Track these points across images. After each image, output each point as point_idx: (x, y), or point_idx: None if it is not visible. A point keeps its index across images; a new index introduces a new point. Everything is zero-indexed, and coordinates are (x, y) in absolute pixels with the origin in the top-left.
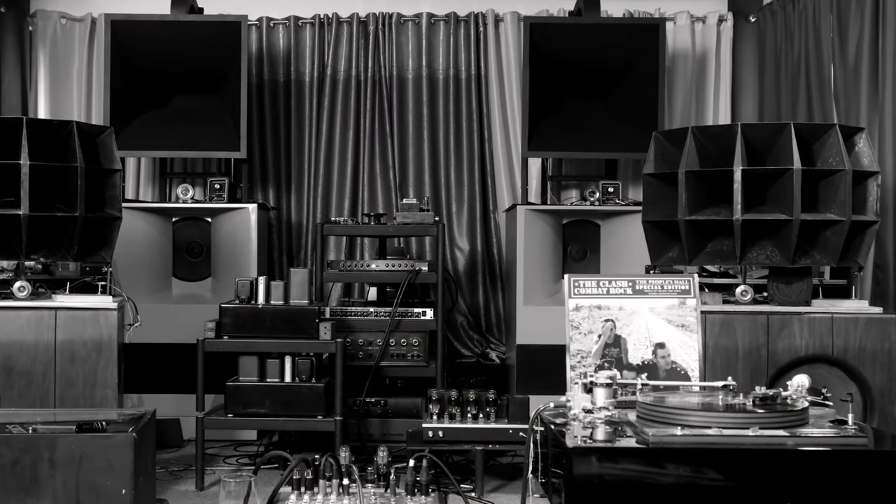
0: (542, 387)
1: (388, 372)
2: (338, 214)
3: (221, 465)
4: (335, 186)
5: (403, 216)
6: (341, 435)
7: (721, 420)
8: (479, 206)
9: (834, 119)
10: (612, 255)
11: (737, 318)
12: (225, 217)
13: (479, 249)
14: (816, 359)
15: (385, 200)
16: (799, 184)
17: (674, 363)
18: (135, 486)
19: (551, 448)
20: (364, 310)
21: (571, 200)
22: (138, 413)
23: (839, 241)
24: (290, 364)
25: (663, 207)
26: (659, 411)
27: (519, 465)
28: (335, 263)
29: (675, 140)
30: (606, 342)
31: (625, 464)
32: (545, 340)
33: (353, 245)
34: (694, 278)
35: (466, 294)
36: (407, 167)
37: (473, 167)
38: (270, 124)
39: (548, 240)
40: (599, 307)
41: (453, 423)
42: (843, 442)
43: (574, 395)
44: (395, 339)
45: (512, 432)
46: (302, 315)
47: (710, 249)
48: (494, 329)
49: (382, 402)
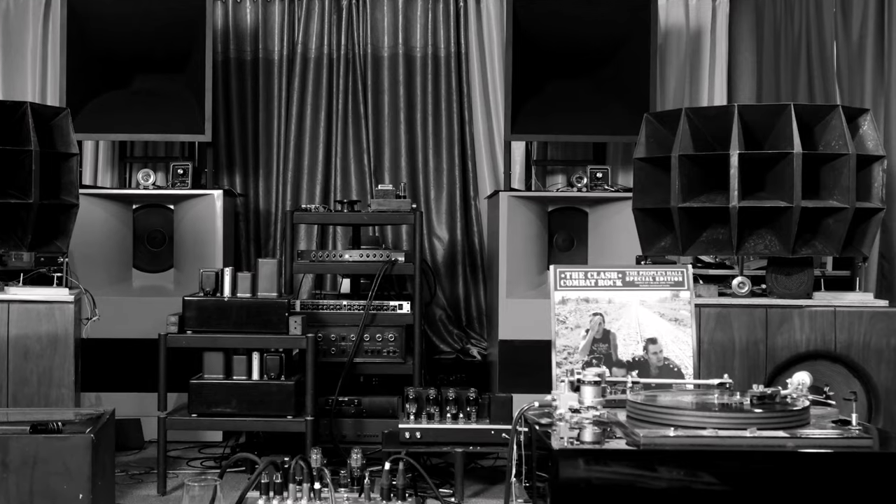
0: (526, 385)
1: (363, 369)
2: (309, 201)
3: (185, 468)
4: (306, 172)
5: (378, 203)
6: (312, 436)
7: (717, 420)
8: (459, 193)
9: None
10: (600, 244)
11: (733, 312)
12: (188, 204)
13: (459, 239)
14: (818, 355)
15: (359, 186)
16: (799, 169)
17: (666, 360)
18: (92, 490)
19: (536, 450)
20: (337, 303)
21: (557, 187)
22: (96, 413)
23: (842, 230)
24: (257, 360)
25: (655, 194)
26: (650, 411)
27: (501, 468)
28: (306, 253)
29: (667, 122)
30: (594, 337)
31: (614, 467)
32: (529, 335)
33: (325, 234)
34: (688, 269)
35: (446, 286)
36: (382, 151)
37: (453, 151)
38: (237, 106)
39: (532, 228)
40: (587, 300)
41: (432, 423)
42: (847, 444)
43: (560, 393)
44: (369, 334)
45: (494, 433)
46: (270, 308)
47: (705, 239)
48: (475, 323)
49: (356, 401)
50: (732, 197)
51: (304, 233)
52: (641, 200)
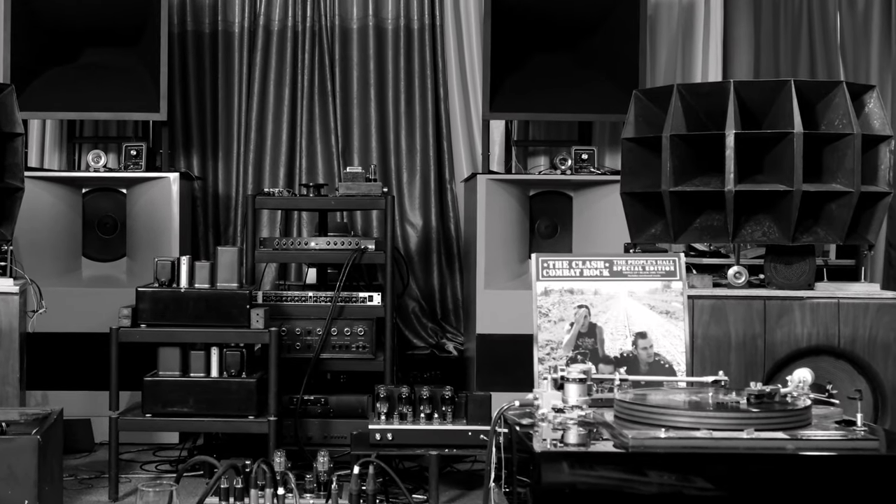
0: (506, 382)
1: (330, 365)
2: (272, 185)
3: (138, 472)
4: (269, 153)
5: (347, 187)
6: (276, 437)
7: (711, 421)
8: (433, 176)
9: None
10: (585, 231)
11: (729, 304)
12: (142, 188)
13: (433, 225)
14: (820, 350)
15: (326, 169)
16: (800, 150)
17: (657, 355)
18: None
19: (516, 453)
20: (302, 294)
21: (539, 169)
22: (43, 413)
23: (846, 216)
24: (216, 356)
25: (645, 177)
26: (640, 411)
27: (479, 472)
28: (269, 241)
29: (658, 100)
30: (579, 331)
31: (601, 471)
32: (509, 329)
33: (290, 220)
34: (680, 258)
35: (419, 276)
36: (351, 131)
37: (427, 131)
38: (195, 82)
39: (512, 214)
40: (572, 291)
41: (404, 424)
42: (852, 446)
43: (542, 392)
44: (337, 327)
45: (471, 434)
46: (231, 300)
47: (699, 225)
48: (451, 316)
49: (323, 400)
50: (728, 180)
51: (267, 219)
52: (630, 184)
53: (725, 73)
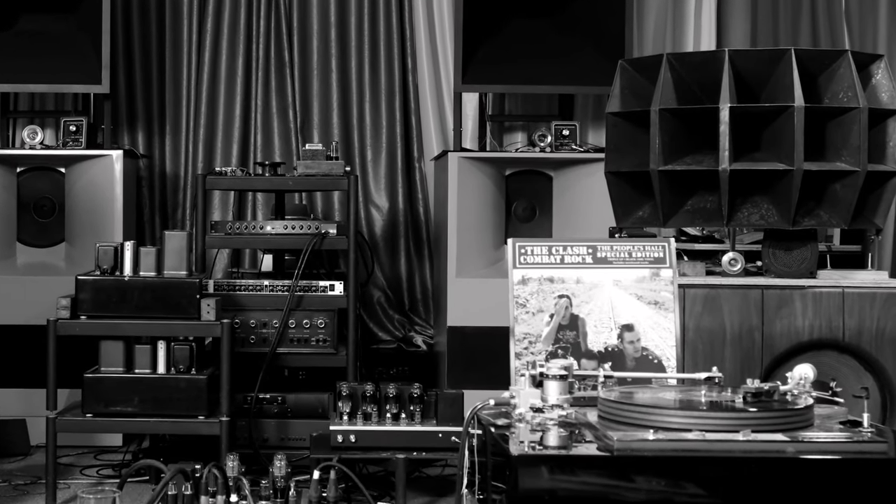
0: (480, 379)
1: (288, 361)
2: (224, 164)
3: (78, 477)
4: (221, 128)
5: (306, 166)
6: (228, 439)
7: (704, 421)
8: (400, 154)
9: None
10: (567, 214)
11: (723, 294)
12: (83, 167)
13: (400, 207)
14: (823, 344)
15: (283, 146)
16: (801, 125)
17: (645, 349)
18: None
19: (491, 456)
20: (257, 283)
21: (516, 146)
22: None
23: (852, 197)
24: (164, 351)
25: (632, 155)
26: (626, 410)
27: (451, 477)
28: (221, 225)
29: (646, 70)
30: (560, 323)
31: (583, 476)
32: (483, 321)
33: (244, 202)
34: (670, 244)
35: (385, 263)
36: (310, 104)
37: (394, 105)
38: (140, 51)
39: (487, 195)
40: (551, 280)
41: (368, 424)
42: (858, 449)
43: (520, 389)
44: (295, 319)
45: (442, 436)
46: (179, 290)
47: (691, 207)
48: (420, 307)
49: (280, 398)
50: (722, 158)
51: (219, 200)
52: (615, 162)
53: (720, 42)
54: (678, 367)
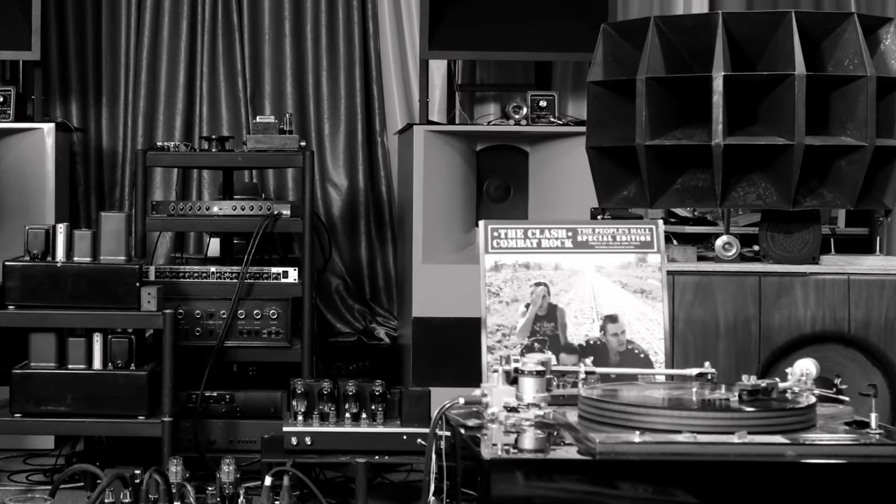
0: (449, 376)
1: (237, 355)
2: (167, 138)
3: (6, 483)
4: (162, 99)
5: (257, 140)
6: (171, 442)
7: (695, 422)
8: (361, 127)
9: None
10: (544, 193)
11: (717, 281)
12: (11, 141)
13: (361, 186)
14: (827, 337)
15: (231, 119)
16: (803, 95)
17: (630, 343)
18: None
19: (461, 460)
20: (203, 270)
21: (489, 119)
22: None
23: (858, 175)
24: (100, 344)
25: (616, 128)
26: (609, 410)
27: (416, 483)
28: (163, 206)
29: (631, 35)
30: (537, 314)
31: (562, 482)
32: (452, 312)
33: (188, 180)
34: (658, 226)
35: (344, 248)
36: (261, 73)
37: (353, 73)
38: (73, 15)
39: (456, 173)
40: (527, 266)
41: (325, 425)
42: (864, 452)
43: (492, 387)
44: (245, 309)
45: (407, 438)
46: (117, 277)
47: (681, 186)
48: (383, 296)
49: (228, 396)
50: (716, 132)
51: (161, 179)
52: (598, 137)
53: (713, 4)
54: (667, 362)
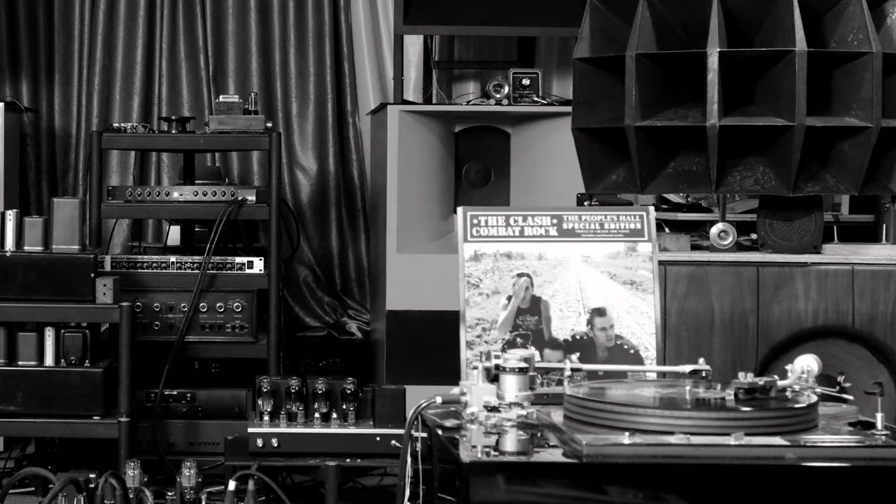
0: (425, 373)
1: (198, 351)
2: (124, 119)
3: None
4: (119, 78)
5: (220, 121)
6: (128, 444)
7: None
8: (331, 107)
9: None
10: (527, 178)
11: (712, 272)
12: None
13: (331, 170)
14: (829, 331)
15: (193, 98)
16: (804, 73)
17: (619, 338)
18: None
19: (438, 463)
20: (162, 259)
21: (468, 98)
22: None
23: (863, 158)
24: (52, 339)
25: (604, 108)
26: (597, 409)
27: (391, 487)
28: (120, 191)
29: (621, 9)
30: (519, 307)
31: (546, 487)
32: (429, 305)
33: (147, 164)
34: (649, 213)
35: (313, 237)
36: (225, 49)
37: (323, 49)
38: None
39: (433, 156)
40: (509, 255)
41: (293, 426)
42: (870, 455)
43: (472, 385)
44: (207, 302)
45: (380, 440)
46: (70, 267)
47: (673, 170)
48: (354, 288)
49: (189, 395)
50: (711, 112)
51: (118, 162)
52: (585, 117)
53: None
54: (658, 358)
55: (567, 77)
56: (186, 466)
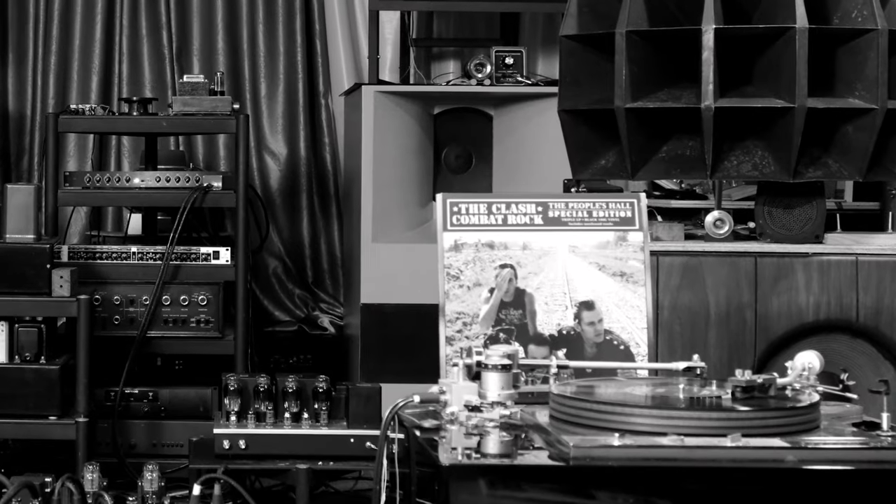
0: (402, 370)
1: (161, 347)
2: (81, 100)
3: None
4: (77, 57)
5: (184, 102)
6: (87, 446)
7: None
8: (302, 88)
9: None
10: (511, 163)
11: (707, 263)
12: None
13: (302, 155)
14: (832, 326)
15: (155, 78)
16: (805, 52)
17: (608, 333)
18: None
19: (416, 467)
20: (122, 249)
21: (448, 78)
22: None
23: (867, 142)
24: (5, 334)
25: (592, 89)
26: (585, 409)
27: (365, 492)
28: (77, 177)
29: None
30: (502, 300)
31: (531, 491)
32: (406, 298)
33: (106, 148)
34: (640, 200)
35: (283, 225)
36: (189, 26)
37: (294, 26)
38: None
39: (411, 139)
40: (492, 245)
41: (262, 427)
42: (875, 457)
43: (452, 383)
44: (170, 295)
45: (354, 442)
46: (24, 257)
47: (666, 155)
48: (327, 280)
49: (151, 394)
50: (706, 93)
51: (75, 146)
52: (572, 98)
53: None
54: (650, 354)
55: (553, 55)
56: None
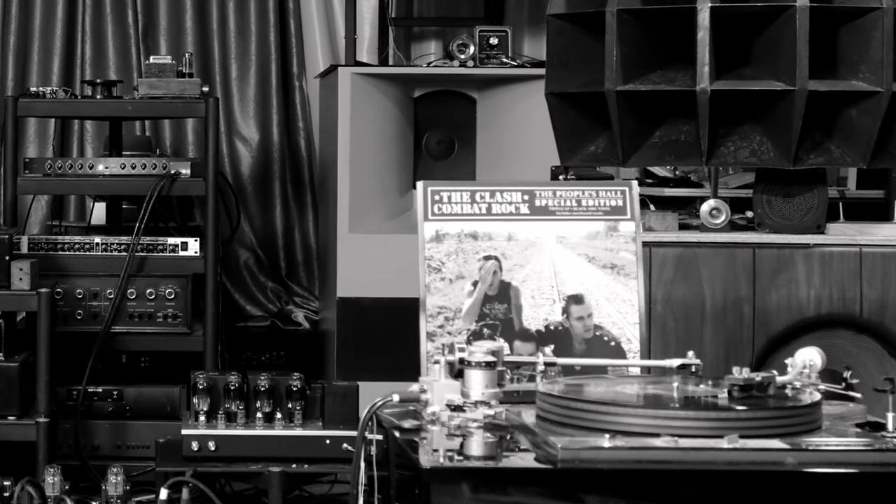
0: (380, 368)
1: (126, 343)
2: (42, 83)
3: None
4: (37, 37)
5: (150, 85)
6: (47, 447)
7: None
8: (275, 70)
9: None
10: (495, 149)
11: (703, 254)
12: None
13: (275, 140)
14: (834, 321)
15: (120, 59)
16: (806, 31)
17: (598, 328)
18: None
19: (395, 469)
20: (86, 240)
21: (429, 59)
22: None
23: (872, 127)
24: None
25: (581, 71)
26: (574, 409)
27: (342, 496)
28: (38, 163)
29: None
30: (487, 294)
31: (517, 495)
32: (384, 291)
33: (68, 133)
34: (632, 188)
35: (255, 215)
36: (155, 4)
37: (266, 5)
38: None
39: (389, 124)
40: (475, 236)
41: (233, 427)
42: (879, 459)
43: (433, 381)
44: (136, 288)
45: (330, 443)
46: None
47: (659, 140)
48: (301, 272)
49: (116, 393)
50: (701, 75)
51: (35, 131)
52: (560, 81)
53: None
54: (642, 351)
55: (540, 35)
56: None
